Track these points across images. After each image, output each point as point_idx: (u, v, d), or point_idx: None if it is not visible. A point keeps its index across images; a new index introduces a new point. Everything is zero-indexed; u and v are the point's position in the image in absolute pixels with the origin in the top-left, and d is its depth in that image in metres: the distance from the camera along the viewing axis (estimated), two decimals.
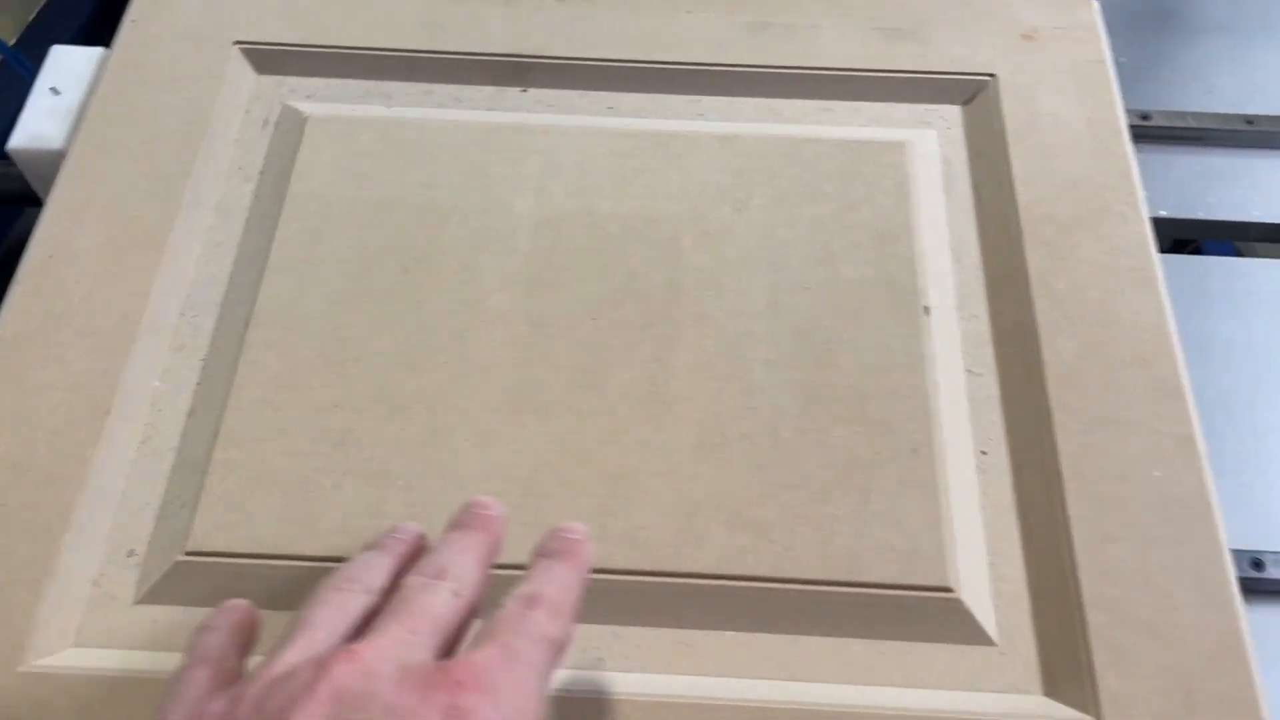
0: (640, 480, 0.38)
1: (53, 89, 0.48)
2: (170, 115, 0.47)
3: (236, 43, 0.49)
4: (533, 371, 0.40)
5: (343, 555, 0.36)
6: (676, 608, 0.36)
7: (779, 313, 0.42)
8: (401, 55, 0.49)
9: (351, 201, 0.45)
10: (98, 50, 0.50)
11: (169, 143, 0.46)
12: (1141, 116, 0.59)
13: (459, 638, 0.29)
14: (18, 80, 0.57)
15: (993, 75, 0.49)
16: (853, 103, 0.49)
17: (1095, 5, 0.52)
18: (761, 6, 0.51)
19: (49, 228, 0.43)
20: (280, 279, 0.42)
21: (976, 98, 0.49)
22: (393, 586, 0.30)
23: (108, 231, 0.43)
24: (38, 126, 0.47)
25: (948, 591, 0.36)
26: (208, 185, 0.45)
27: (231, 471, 0.38)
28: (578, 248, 0.44)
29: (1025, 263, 0.43)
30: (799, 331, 0.42)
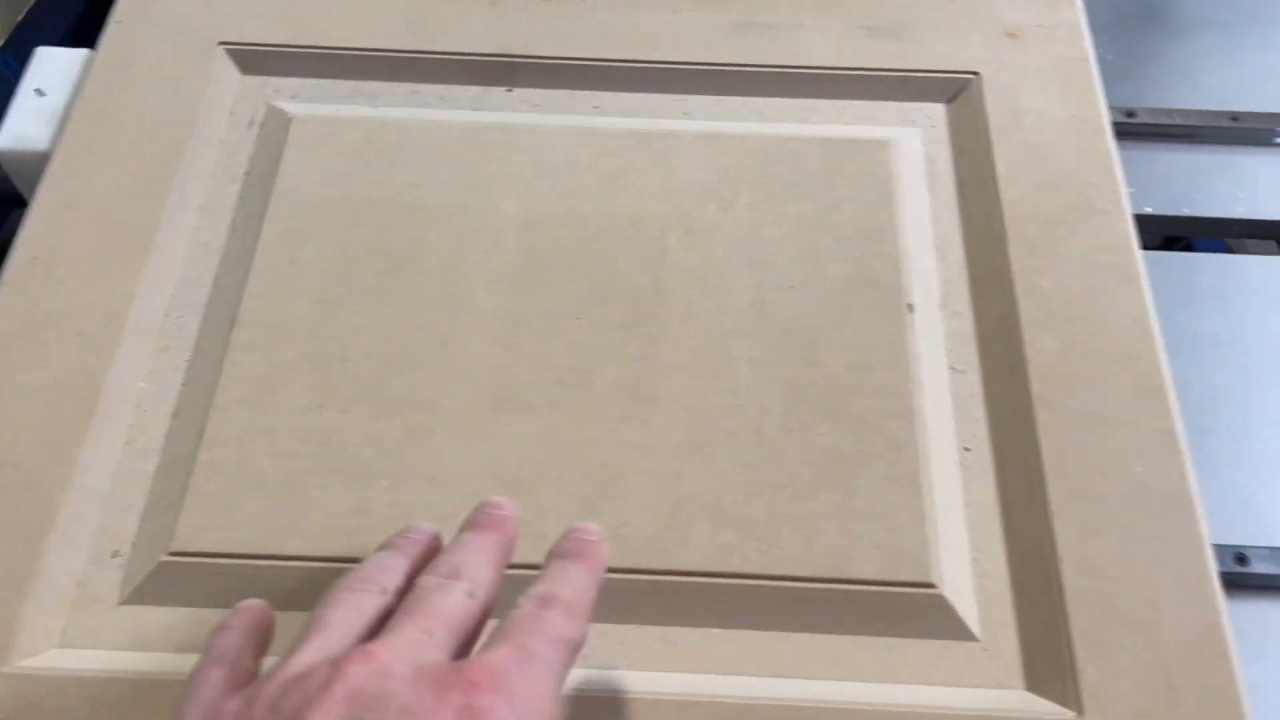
0: (625, 478, 0.38)
1: (38, 90, 0.48)
2: (155, 116, 0.47)
3: (221, 43, 0.49)
4: (518, 371, 0.40)
5: (328, 555, 0.37)
6: (661, 605, 0.36)
7: (764, 311, 0.42)
8: (386, 55, 0.49)
9: (337, 201, 0.45)
10: (83, 51, 0.50)
11: (154, 144, 0.46)
12: (1127, 114, 0.59)
13: (474, 638, 0.29)
14: (3, 82, 0.57)
15: (976, 73, 0.49)
16: (837, 101, 0.49)
17: (1078, 3, 0.52)
18: (746, 6, 0.51)
19: (34, 229, 0.43)
20: (265, 279, 0.42)
21: (960, 96, 0.49)
22: (407, 587, 0.30)
23: (93, 233, 0.43)
24: (22, 128, 0.47)
25: (931, 588, 0.36)
26: (193, 186, 0.45)
27: (216, 472, 0.38)
28: (563, 247, 0.44)
29: (1009, 260, 0.43)
30: (784, 329, 0.42)
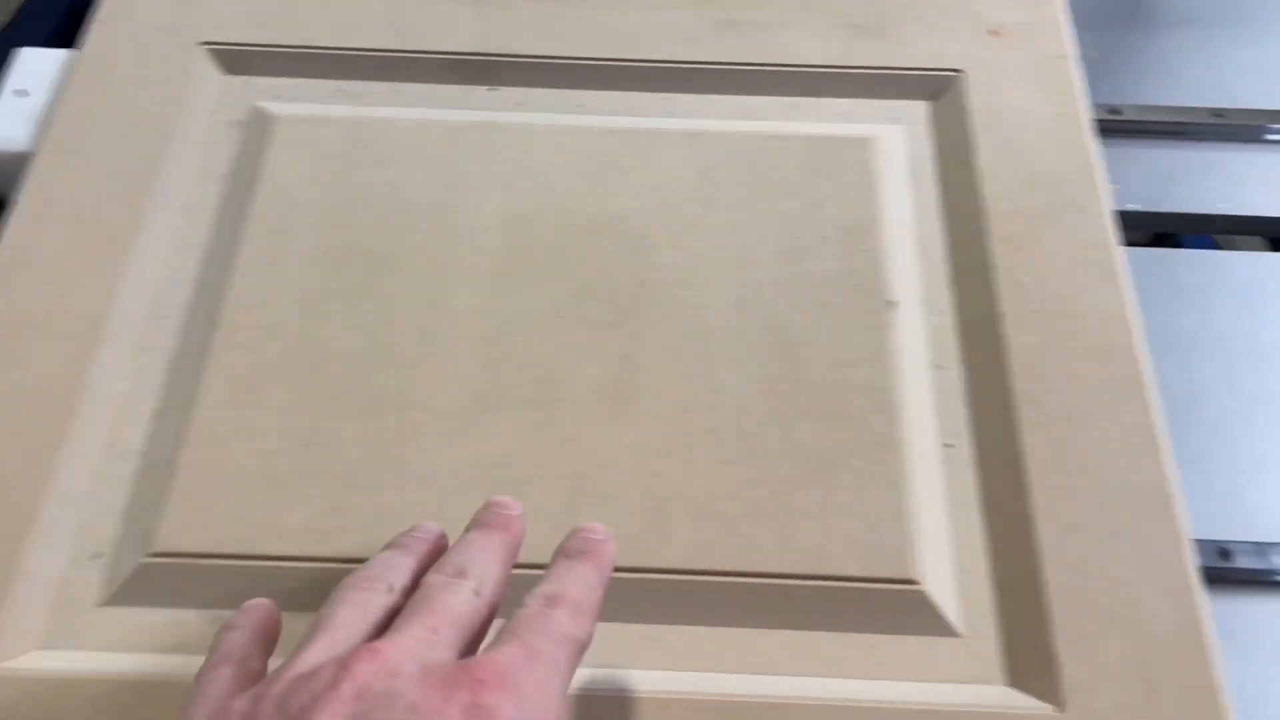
0: (607, 476, 0.38)
1: (19, 91, 0.48)
2: (137, 117, 0.46)
3: (203, 43, 0.49)
4: (500, 369, 0.41)
5: (309, 555, 0.37)
6: (643, 603, 0.36)
7: (746, 309, 0.42)
8: (369, 55, 0.49)
9: (319, 201, 0.45)
10: (64, 52, 0.50)
11: (135, 144, 0.46)
12: (1111, 111, 0.59)
13: (480, 637, 0.29)
14: None
15: (959, 71, 0.49)
16: (820, 99, 0.49)
17: (1060, 1, 0.52)
18: (729, 4, 0.51)
19: (15, 230, 0.43)
20: (247, 279, 0.42)
21: (943, 93, 0.49)
22: (414, 586, 0.30)
23: (74, 233, 0.43)
24: (4, 128, 0.47)
25: (912, 584, 0.36)
26: (174, 186, 0.45)
27: (197, 472, 0.38)
28: (546, 246, 0.44)
29: (990, 257, 0.43)
30: (765, 327, 0.42)
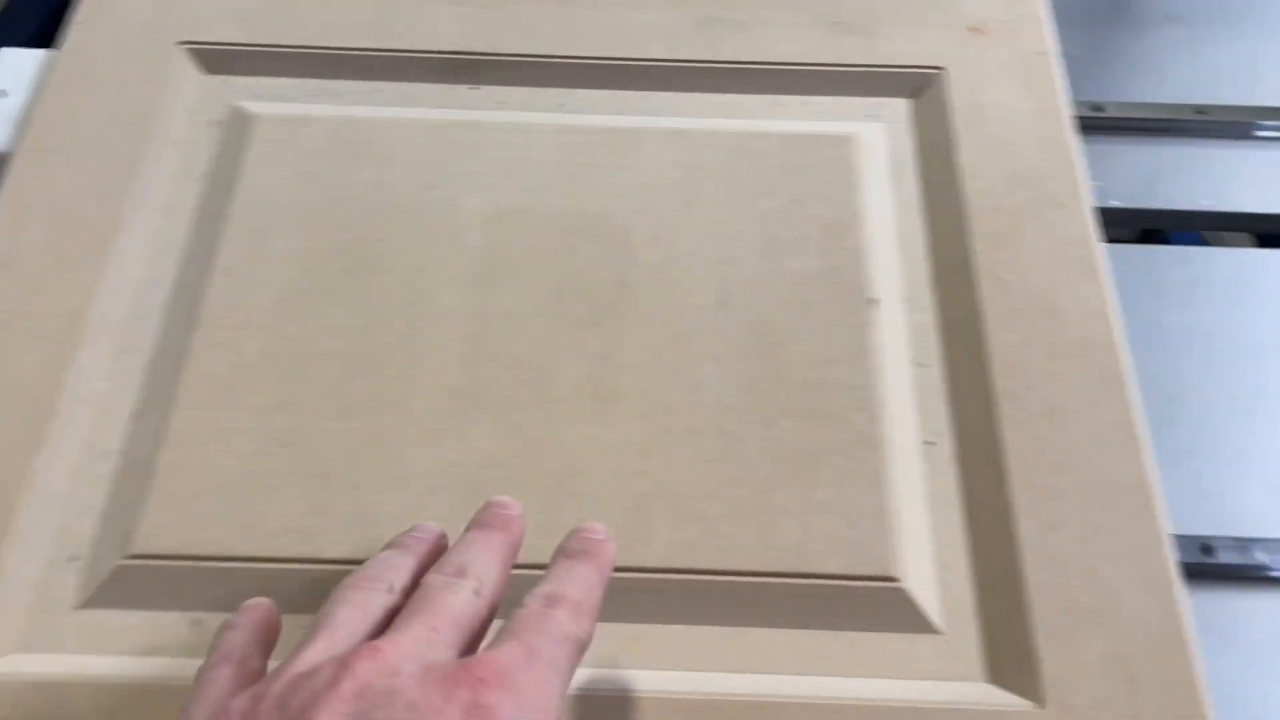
0: (588, 476, 0.38)
1: None
2: (116, 117, 0.46)
3: (182, 43, 0.48)
4: (481, 369, 0.40)
5: (289, 556, 0.36)
6: (624, 602, 0.36)
7: (727, 307, 0.42)
8: (350, 54, 0.49)
9: (300, 201, 0.44)
10: (43, 52, 0.50)
11: (114, 144, 0.45)
12: (1094, 108, 0.59)
13: (480, 636, 0.30)
14: None
15: (941, 68, 0.49)
16: (802, 97, 0.49)
17: None
18: (711, 2, 0.51)
19: None
20: (227, 280, 0.42)
21: (924, 91, 0.49)
22: (414, 585, 0.30)
23: (53, 233, 0.43)
24: None
25: (893, 581, 0.36)
26: (154, 186, 0.45)
27: (176, 473, 0.37)
28: (526, 244, 0.44)
29: (971, 254, 0.43)
30: (747, 325, 0.42)
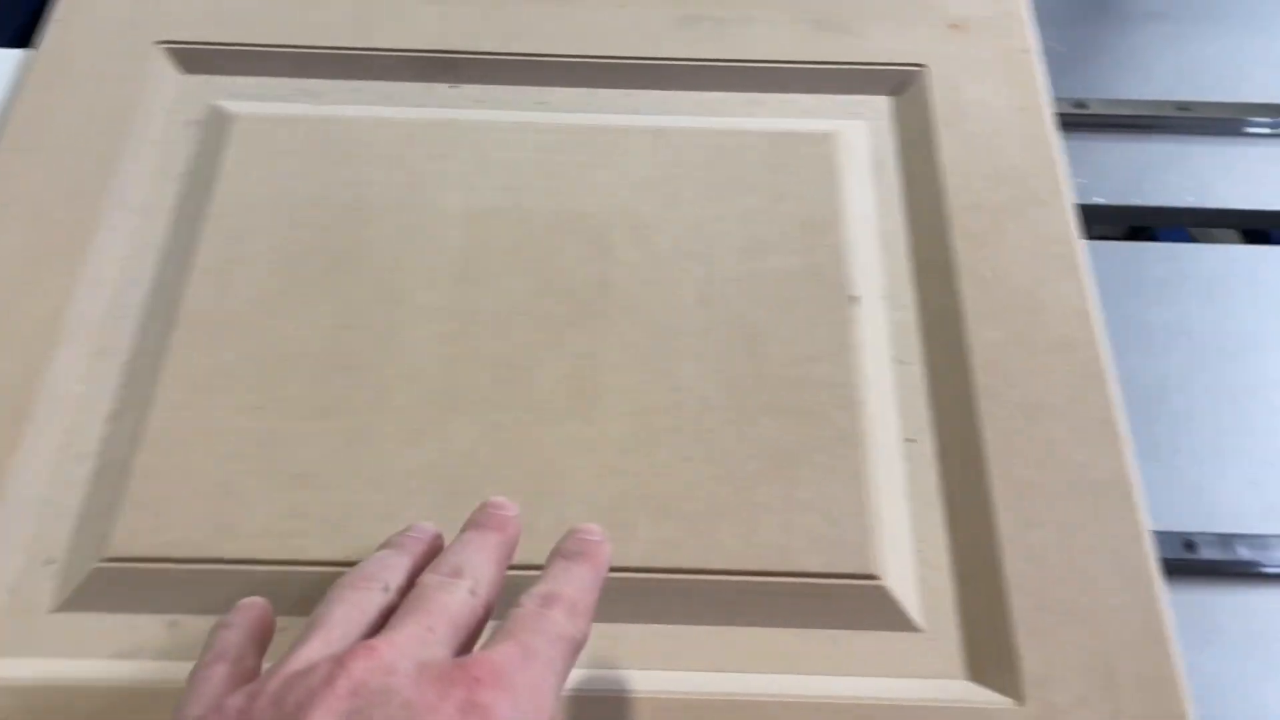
0: (568, 475, 0.38)
1: None
2: (93, 116, 0.46)
3: (160, 42, 0.48)
4: (461, 368, 0.40)
5: (267, 558, 0.36)
6: (604, 602, 0.35)
7: (708, 305, 0.42)
8: (329, 53, 0.48)
9: (278, 200, 0.44)
10: (21, 52, 0.49)
11: (91, 144, 0.45)
12: (1077, 105, 0.59)
13: (475, 636, 0.29)
14: None
15: (921, 66, 0.49)
16: (783, 95, 0.49)
17: None
18: (692, 0, 0.51)
19: None
20: (205, 280, 0.42)
21: (906, 88, 0.49)
22: (409, 585, 0.30)
23: (30, 233, 0.43)
24: None
25: (873, 579, 0.36)
26: (132, 186, 0.45)
27: (153, 475, 0.37)
28: (506, 243, 0.43)
29: (952, 251, 0.43)
30: (728, 323, 0.42)
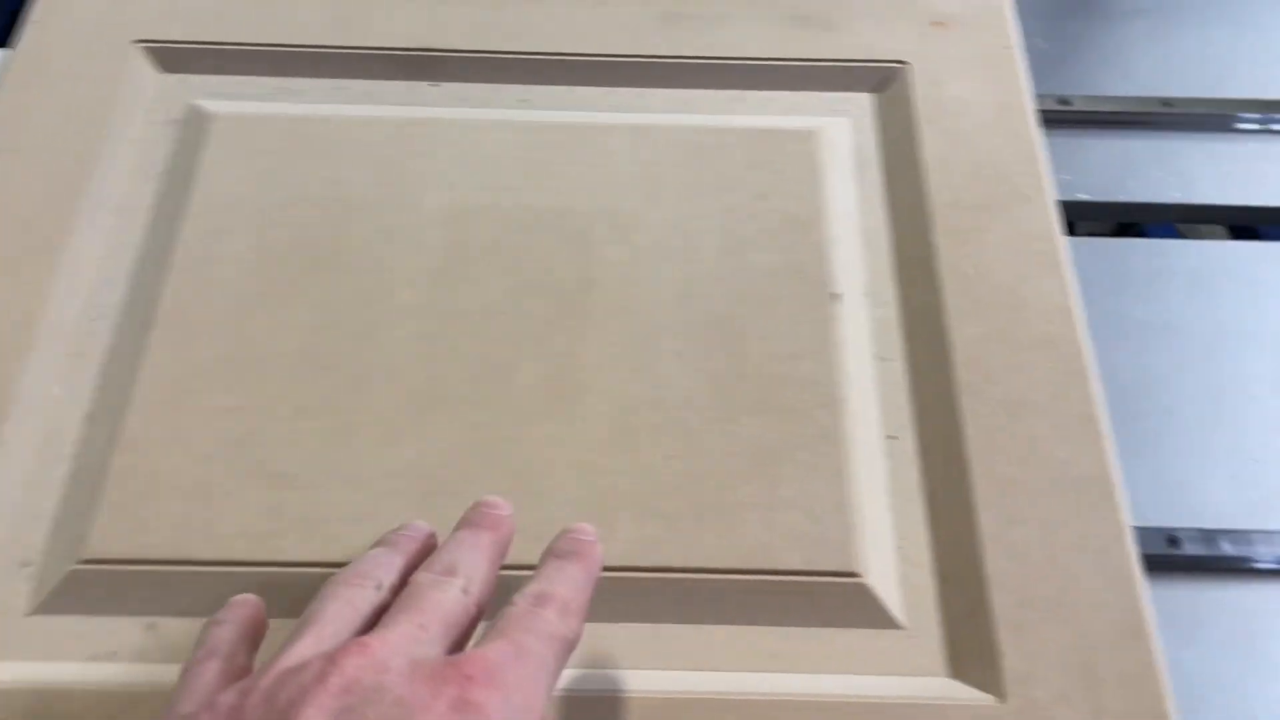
0: (549, 474, 0.38)
1: None
2: (70, 117, 0.46)
3: (138, 41, 0.48)
4: (441, 368, 0.40)
5: (245, 560, 0.36)
6: None
7: (690, 303, 0.42)
8: (309, 51, 0.48)
9: (258, 200, 0.44)
10: None
11: (70, 144, 0.45)
12: (1061, 101, 0.59)
13: (467, 635, 0.30)
14: None
15: (903, 63, 0.49)
16: (765, 92, 0.49)
17: None
18: None
19: None
20: (183, 280, 0.42)
21: (887, 85, 0.49)
22: (402, 584, 0.30)
23: (5, 234, 0.42)
24: None
25: (854, 576, 0.36)
26: (109, 186, 0.44)
27: (130, 477, 0.37)
28: (487, 242, 0.43)
29: (934, 248, 0.43)
30: (710, 321, 0.42)
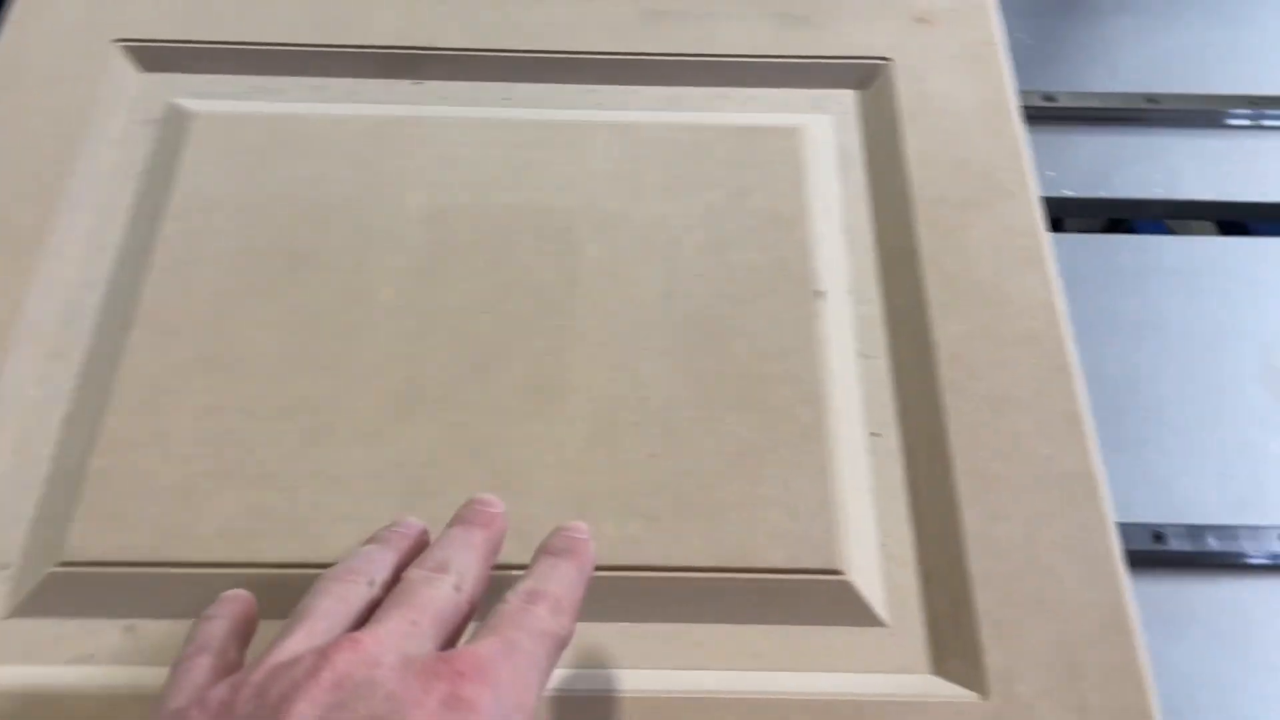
0: (532, 474, 0.38)
1: None
2: (49, 117, 0.45)
3: (117, 40, 0.48)
4: (423, 367, 0.40)
5: (224, 561, 0.36)
6: None
7: (673, 301, 0.42)
8: (290, 50, 0.48)
9: (238, 200, 0.44)
10: None
11: (49, 144, 0.45)
12: (1046, 98, 0.60)
13: (459, 632, 0.29)
14: None
15: (887, 60, 0.49)
16: (749, 89, 0.49)
17: None
18: None
19: None
20: (163, 280, 0.41)
21: (871, 82, 0.49)
22: (394, 580, 0.30)
23: None
24: None
25: (837, 574, 0.36)
26: (89, 186, 0.44)
27: (109, 479, 0.37)
28: (470, 241, 0.43)
29: (917, 245, 0.43)
30: (692, 319, 0.41)
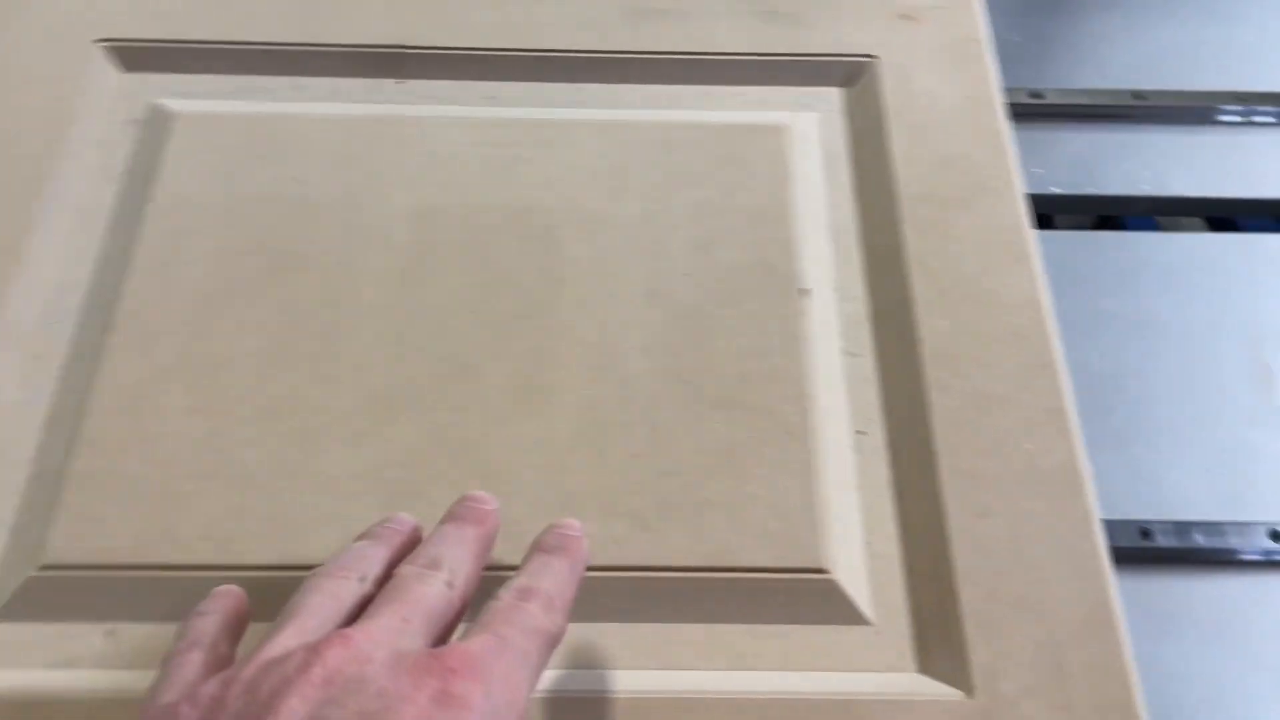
0: (516, 474, 0.38)
1: None
2: (29, 118, 0.45)
3: (99, 40, 0.47)
4: (406, 367, 0.40)
5: (207, 563, 0.36)
6: None
7: (657, 300, 0.42)
8: (272, 49, 0.48)
9: (220, 200, 0.43)
10: None
11: (30, 145, 0.44)
12: (1033, 94, 0.60)
13: (451, 628, 0.29)
14: None
15: (872, 57, 0.49)
16: (733, 87, 0.48)
17: None
18: None
19: None
20: (144, 281, 0.41)
21: (856, 79, 0.49)
22: (386, 576, 0.30)
23: None
24: None
25: (822, 573, 0.36)
26: (70, 187, 0.44)
27: (89, 481, 0.36)
28: (453, 240, 0.43)
29: (902, 242, 0.43)
30: (677, 318, 0.41)
